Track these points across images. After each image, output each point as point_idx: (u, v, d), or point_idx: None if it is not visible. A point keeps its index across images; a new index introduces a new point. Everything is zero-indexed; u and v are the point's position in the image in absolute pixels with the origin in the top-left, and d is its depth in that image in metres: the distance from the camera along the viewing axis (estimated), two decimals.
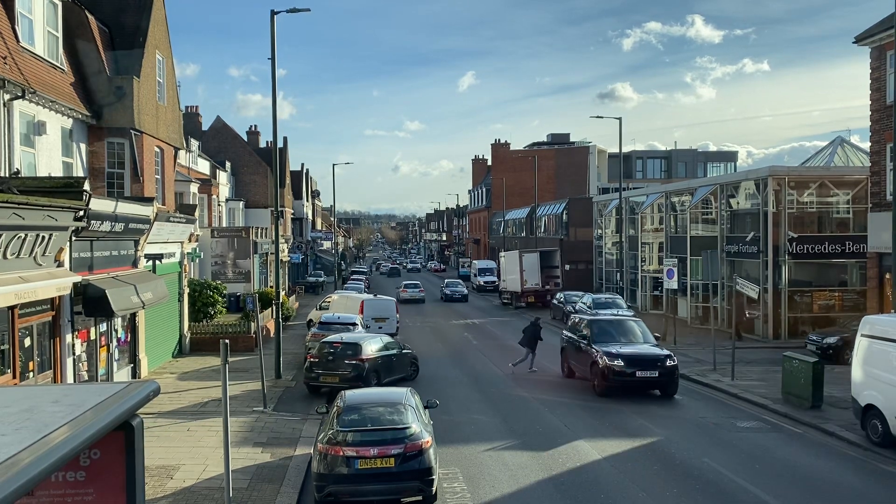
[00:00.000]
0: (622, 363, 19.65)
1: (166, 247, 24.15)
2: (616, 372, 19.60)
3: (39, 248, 14.56)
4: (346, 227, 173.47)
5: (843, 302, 31.17)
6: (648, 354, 20.16)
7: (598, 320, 22.70)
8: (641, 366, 19.70)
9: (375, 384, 19.30)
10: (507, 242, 72.51)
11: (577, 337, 22.36)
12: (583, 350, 21.50)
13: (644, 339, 21.54)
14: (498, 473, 13.43)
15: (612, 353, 19.94)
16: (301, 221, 71.72)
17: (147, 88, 22.92)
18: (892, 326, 14.93)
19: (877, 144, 25.28)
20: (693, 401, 19.81)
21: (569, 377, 22.81)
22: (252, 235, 41.53)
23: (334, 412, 12.23)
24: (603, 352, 20.14)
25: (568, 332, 23.73)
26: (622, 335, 21.44)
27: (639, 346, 20.99)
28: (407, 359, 22.59)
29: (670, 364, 19.77)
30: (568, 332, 23.61)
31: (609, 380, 19.74)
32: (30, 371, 15.43)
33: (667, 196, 40.29)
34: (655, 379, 19.68)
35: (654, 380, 19.73)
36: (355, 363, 19.78)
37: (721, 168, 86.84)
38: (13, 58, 16.63)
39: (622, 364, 19.64)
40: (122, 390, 4.25)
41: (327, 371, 19.81)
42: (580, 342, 21.82)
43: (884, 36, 24.28)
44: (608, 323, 22.39)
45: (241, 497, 11.93)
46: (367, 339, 21.11)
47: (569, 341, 23.06)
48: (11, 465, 2.89)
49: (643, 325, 22.33)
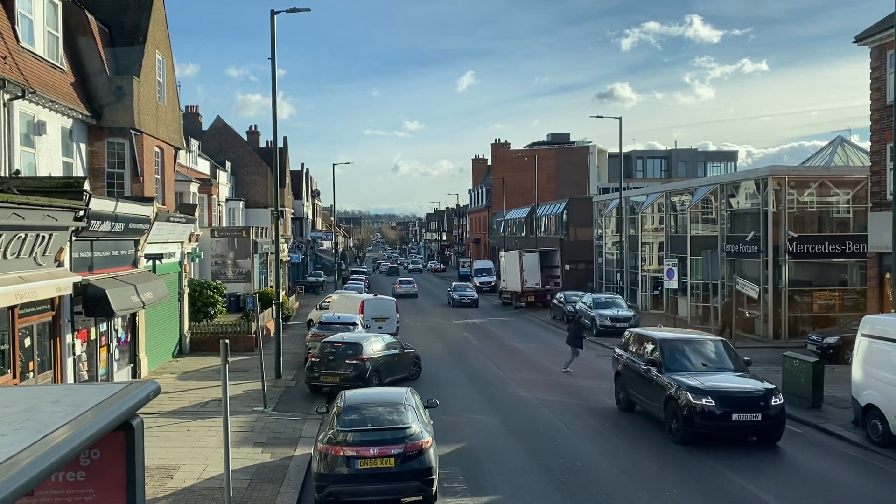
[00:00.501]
0: (713, 402, 14.76)
1: (166, 247, 24.15)
2: (704, 414, 14.74)
3: (39, 248, 14.56)
4: (346, 227, 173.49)
5: (843, 302, 31.16)
6: (747, 391, 15.17)
7: (671, 340, 17.25)
8: (739, 406, 14.82)
9: (377, 384, 19.30)
10: (508, 242, 72.47)
11: (639, 361, 17.51)
12: (650, 379, 16.68)
13: (731, 365, 16.53)
14: (498, 473, 13.43)
15: (697, 390, 15.03)
16: (301, 221, 71.72)
17: (147, 88, 22.91)
18: (892, 326, 14.94)
19: (877, 144, 25.27)
20: None
21: (626, 410, 18.20)
22: (252, 235, 41.53)
23: (334, 412, 12.24)
24: (685, 386, 15.27)
25: (624, 351, 18.82)
26: (702, 360, 16.64)
27: (727, 376, 15.97)
28: (409, 358, 22.59)
29: (776, 403, 14.96)
30: (625, 353, 18.65)
31: (694, 424, 14.84)
32: (30, 371, 15.43)
33: (667, 196, 40.29)
34: (758, 424, 14.88)
35: (755, 425, 14.89)
36: (356, 363, 19.78)
37: (721, 168, 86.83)
38: (13, 58, 16.63)
39: (713, 404, 14.75)
40: (122, 390, 4.25)
41: (329, 371, 19.82)
42: (645, 368, 17.01)
43: (884, 35, 24.28)
44: (683, 344, 17.13)
45: (242, 497, 11.93)
46: (369, 339, 21.11)
47: (627, 365, 18.21)
48: (11, 465, 2.89)
49: (727, 346, 17.29)
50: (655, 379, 16.36)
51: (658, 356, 16.67)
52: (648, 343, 17.58)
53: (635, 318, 33.59)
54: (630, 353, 18.35)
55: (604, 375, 23.53)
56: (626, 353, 18.58)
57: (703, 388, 15.06)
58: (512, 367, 25.19)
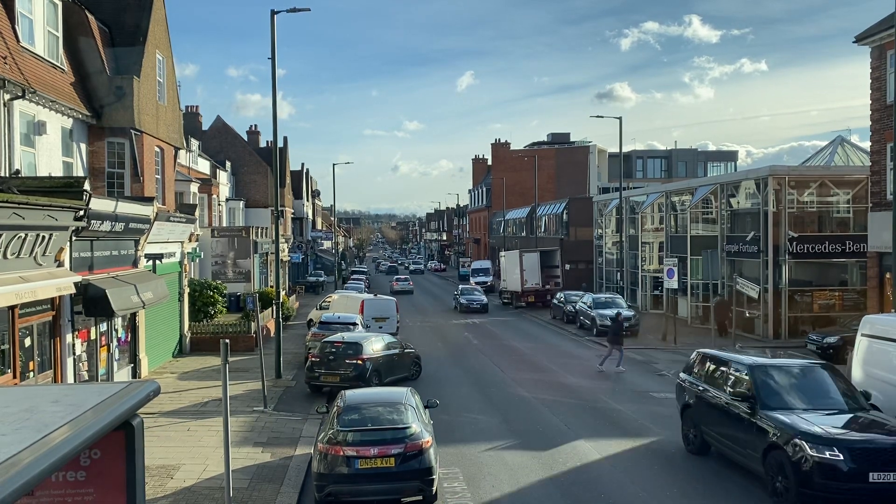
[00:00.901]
0: (839, 456, 10.73)
1: (166, 246, 24.15)
2: (827, 471, 10.68)
3: (40, 248, 14.56)
4: (346, 227, 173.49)
5: (843, 301, 31.16)
6: (885, 443, 10.99)
7: (766, 367, 13.17)
8: (878, 462, 10.71)
9: (377, 384, 19.30)
10: (508, 242, 72.45)
11: (719, 391, 13.74)
12: (739, 418, 12.72)
13: (843, 399, 12.67)
14: (498, 473, 13.43)
15: (817, 438, 11.05)
16: (301, 221, 71.72)
17: (147, 88, 22.92)
18: (892, 326, 14.93)
19: (877, 144, 25.27)
20: None
21: (699, 453, 14.44)
22: (252, 235, 41.53)
23: (334, 412, 12.24)
24: (798, 431, 11.26)
25: (696, 378, 14.88)
26: (807, 393, 12.68)
27: (847, 417, 12.10)
28: (409, 358, 22.58)
29: None
30: (698, 381, 14.72)
31: (814, 485, 10.78)
32: (30, 371, 15.43)
33: (667, 196, 40.30)
34: None
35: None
36: (356, 363, 19.78)
37: (721, 168, 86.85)
38: (13, 57, 16.63)
39: (839, 458, 10.72)
40: (123, 390, 4.24)
41: (329, 371, 19.82)
42: (730, 403, 13.13)
43: (884, 35, 24.28)
44: (782, 372, 13.20)
45: (242, 497, 11.93)
46: (369, 339, 21.10)
47: (700, 396, 14.39)
48: (11, 464, 2.89)
49: (835, 374, 13.32)
50: (748, 419, 12.40)
51: (750, 388, 12.69)
52: (732, 369, 13.66)
53: (635, 317, 33.60)
54: (704, 379, 14.54)
55: (605, 376, 23.57)
56: (696, 379, 14.83)
57: (823, 434, 11.05)
58: (512, 367, 25.18)
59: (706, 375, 14.52)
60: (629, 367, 24.50)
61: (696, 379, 14.86)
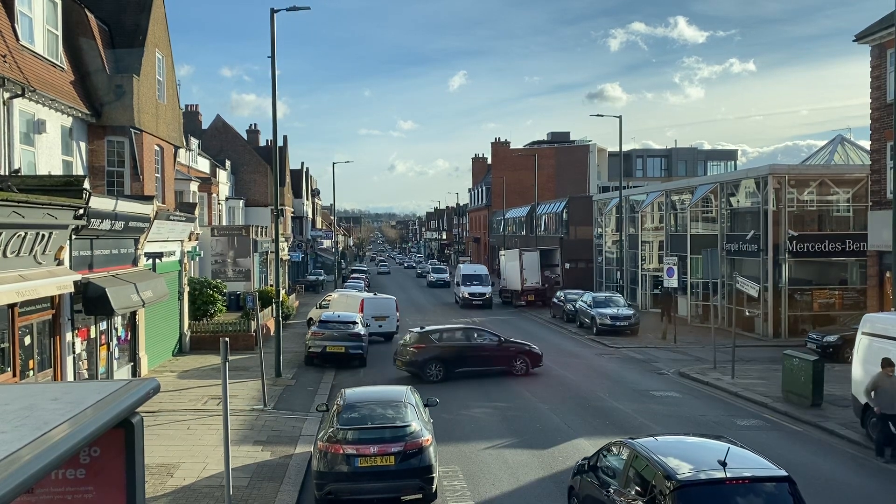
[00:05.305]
0: None
1: (166, 245, 24.14)
2: None
3: (39, 247, 14.55)
4: (346, 226, 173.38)
5: (843, 300, 31.17)
6: None
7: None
8: None
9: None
10: (508, 241, 72.43)
11: None
12: None
13: None
14: (498, 471, 13.43)
15: None
16: (301, 220, 71.69)
17: (147, 87, 22.90)
18: (892, 324, 14.95)
19: (877, 143, 25.26)
20: (693, 399, 19.79)
21: None
22: (252, 234, 41.50)
23: (334, 410, 12.25)
24: None
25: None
26: None
27: None
28: None
29: None
30: None
31: None
32: (30, 369, 15.42)
33: (667, 194, 40.28)
34: None
35: None
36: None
37: (721, 167, 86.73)
38: (13, 56, 16.61)
39: None
40: (122, 388, 4.24)
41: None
42: None
43: (884, 34, 24.26)
44: None
45: (242, 495, 11.93)
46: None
47: None
48: (11, 462, 2.89)
49: None
50: None
51: None
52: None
53: (635, 316, 33.60)
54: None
55: (605, 374, 23.56)
56: None
57: None
58: None
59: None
60: (629, 366, 24.49)
61: None
